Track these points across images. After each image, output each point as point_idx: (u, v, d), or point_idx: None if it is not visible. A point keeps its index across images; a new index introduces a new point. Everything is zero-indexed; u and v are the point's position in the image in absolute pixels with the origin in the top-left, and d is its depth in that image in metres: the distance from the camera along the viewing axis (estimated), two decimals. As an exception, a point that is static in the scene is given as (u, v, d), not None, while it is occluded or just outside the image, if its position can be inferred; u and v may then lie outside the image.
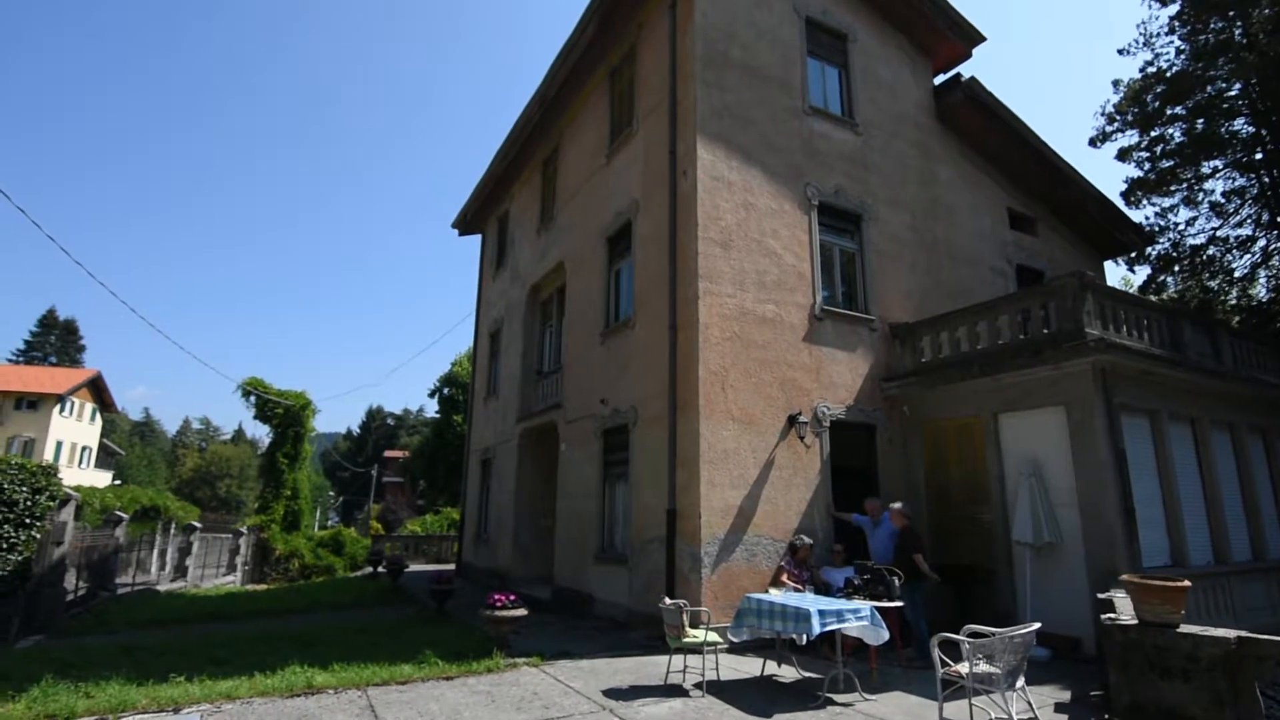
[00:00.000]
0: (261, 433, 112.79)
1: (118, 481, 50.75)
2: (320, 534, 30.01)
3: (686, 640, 6.88)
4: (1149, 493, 8.85)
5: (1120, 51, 17.84)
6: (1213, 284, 16.67)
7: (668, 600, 7.22)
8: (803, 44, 11.71)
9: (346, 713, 5.83)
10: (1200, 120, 15.84)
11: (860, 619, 6.75)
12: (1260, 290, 17.04)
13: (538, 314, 16.56)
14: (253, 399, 27.89)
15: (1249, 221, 16.32)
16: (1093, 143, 17.56)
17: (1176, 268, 16.95)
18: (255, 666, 7.08)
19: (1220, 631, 4.76)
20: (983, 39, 13.02)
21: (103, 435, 54.31)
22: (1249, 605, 9.49)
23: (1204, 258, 16.67)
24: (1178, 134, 16.46)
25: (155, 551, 19.06)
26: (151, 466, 70.59)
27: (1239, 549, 9.70)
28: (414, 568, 22.03)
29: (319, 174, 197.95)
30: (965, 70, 13.38)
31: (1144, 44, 17.14)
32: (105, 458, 55.33)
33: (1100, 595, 7.22)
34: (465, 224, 21.22)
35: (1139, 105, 16.64)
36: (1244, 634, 4.68)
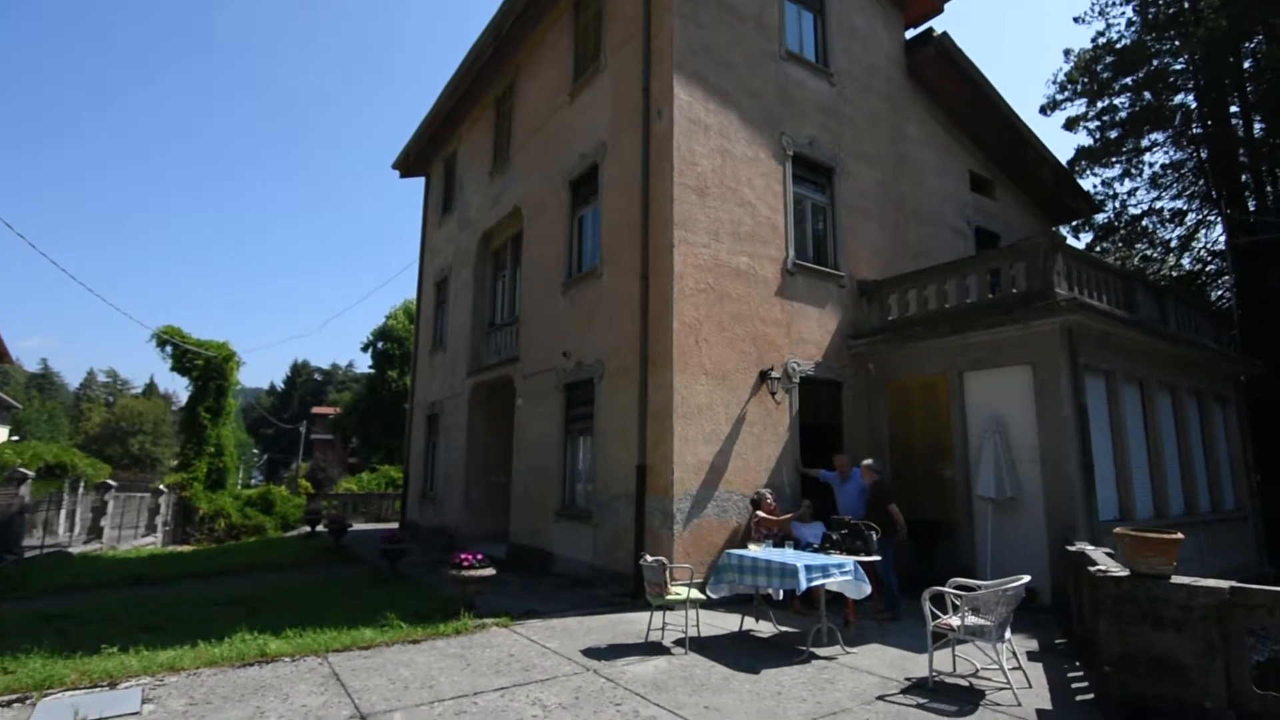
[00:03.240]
0: (178, 386, 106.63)
1: (15, 438, 46.86)
2: (247, 492, 28.60)
3: (669, 598, 6.68)
4: (1103, 450, 9.14)
5: (1076, 19, 18.14)
6: (1150, 253, 17.46)
7: (649, 557, 6.98)
8: (780, -18, 11.21)
9: (308, 682, 5.36)
10: (1147, 93, 16.33)
11: (845, 574, 6.69)
12: (1187, 261, 17.98)
13: (490, 263, 15.77)
14: (169, 349, 25.98)
15: (1185, 195, 17.08)
16: (1043, 110, 17.89)
17: (1113, 237, 17.64)
18: (197, 634, 6.46)
19: (1213, 582, 4.84)
20: (955, -7, 12.82)
21: (-6, 387, 49.80)
22: (1182, 557, 10.01)
23: (1140, 228, 17.40)
24: (1125, 105, 16.95)
25: (64, 512, 17.58)
26: (53, 421, 65.51)
27: (1175, 504, 10.23)
28: (355, 527, 21.20)
29: (231, 96, 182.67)
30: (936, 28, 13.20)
31: (1099, 13, 17.42)
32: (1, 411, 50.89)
33: (1070, 548, 7.43)
34: (408, 165, 19.91)
35: (1089, 75, 16.98)
36: (1236, 584, 4.77)
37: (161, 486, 23.85)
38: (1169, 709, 4.70)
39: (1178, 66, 16.08)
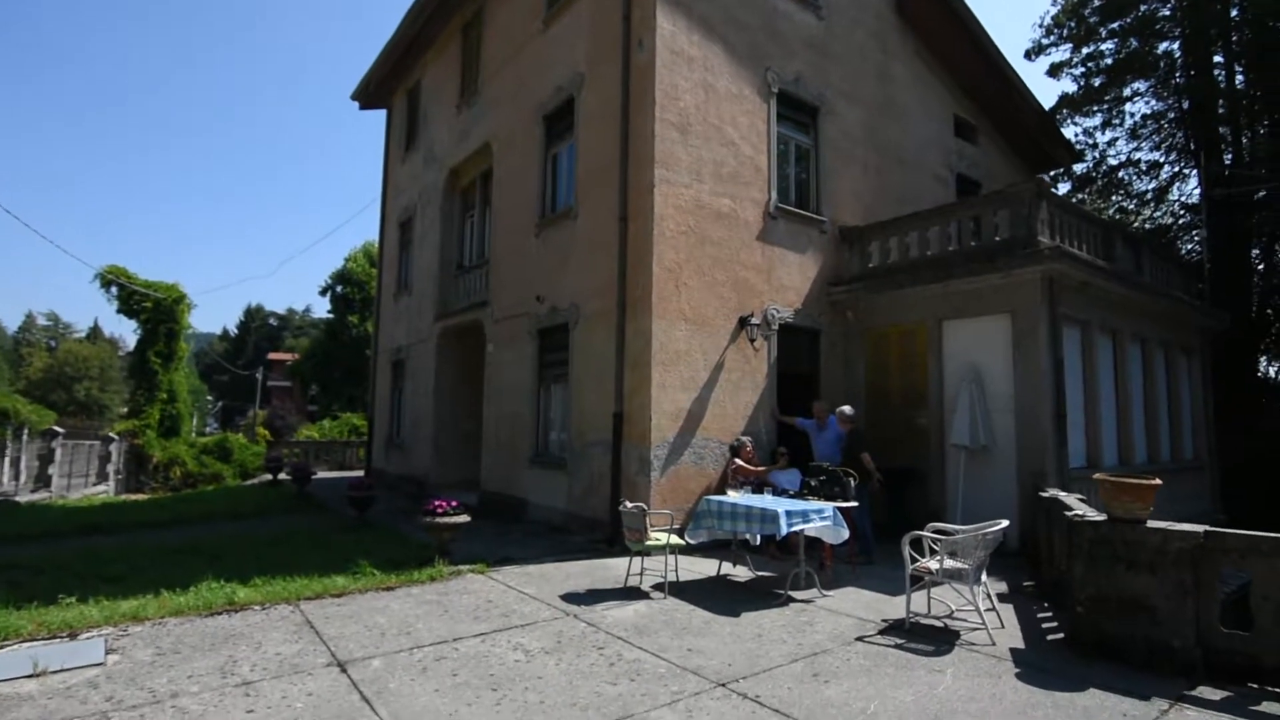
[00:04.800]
0: (125, 330, 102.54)
1: (-50, 382, 44.68)
2: (203, 440, 27.82)
3: (650, 543, 6.61)
4: (1074, 400, 9.26)
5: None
6: (1126, 204, 17.62)
7: (628, 504, 6.88)
8: (767, -95, 10.58)
9: (281, 630, 5.17)
10: (1133, 39, 16.15)
11: (824, 519, 6.70)
12: (1161, 214, 18.19)
13: (458, 201, 15.12)
14: (114, 290, 24.74)
15: (1163, 147, 17.16)
16: (1028, 55, 17.62)
17: (1090, 187, 17.72)
18: (159, 583, 6.20)
19: (1188, 526, 4.91)
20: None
21: (-75, 329, 47.13)
22: (1141, 502, 10.39)
23: (1116, 179, 17.50)
24: (1110, 52, 16.78)
25: (8, 460, 16.83)
26: (-9, 366, 62.58)
27: (1139, 453, 10.52)
28: (319, 475, 20.81)
29: (185, 28, 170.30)
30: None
31: (1091, -49, 16.99)
32: (-69, 355, 48.30)
33: (1043, 494, 7.55)
34: (368, 96, 18.80)
35: (1076, 19, 16.70)
36: (1210, 528, 4.85)
37: (111, 434, 23.00)
38: (1138, 648, 4.82)
39: (1165, 12, 15.90)
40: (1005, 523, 5.72)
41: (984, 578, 5.75)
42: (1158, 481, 5.12)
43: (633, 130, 9.18)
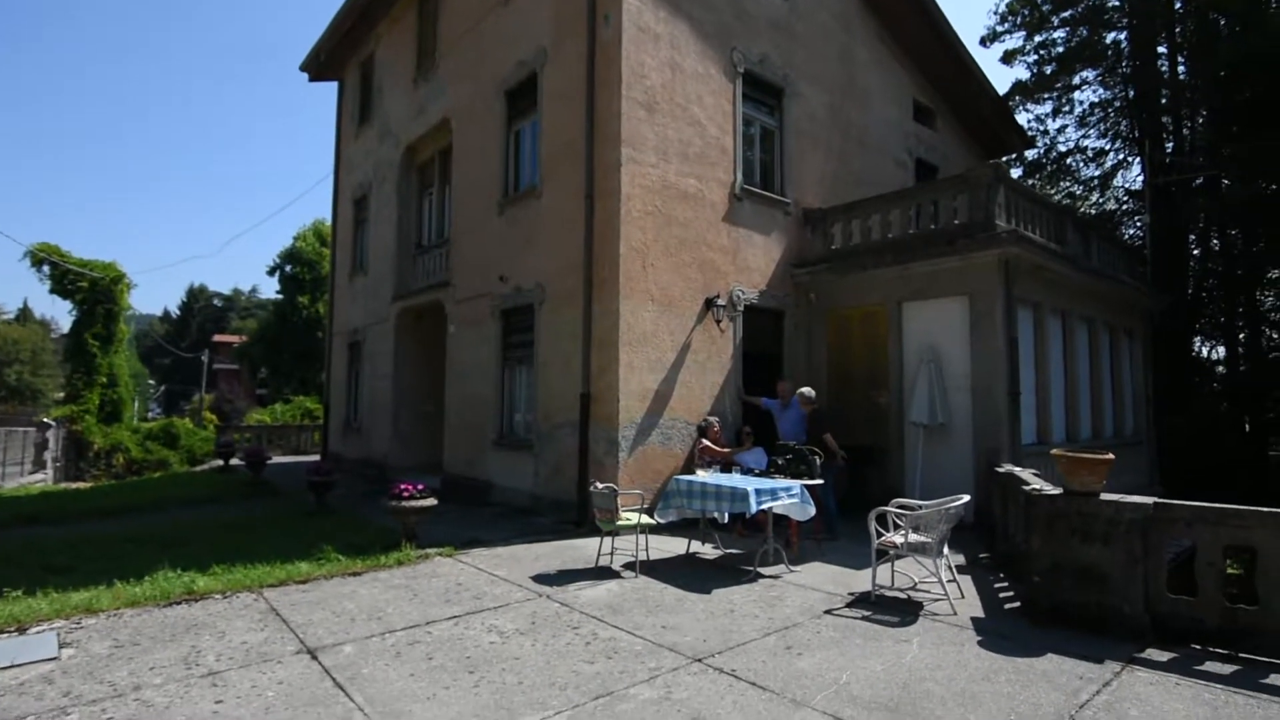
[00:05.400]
0: (59, 311, 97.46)
1: None
2: (147, 425, 26.73)
3: (620, 523, 6.63)
4: (1027, 379, 9.59)
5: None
6: (1074, 190, 18.22)
7: (599, 484, 6.88)
8: (734, -118, 10.48)
9: (245, 619, 5.02)
10: (1083, 28, 16.61)
11: (792, 497, 6.80)
12: (1106, 200, 18.87)
13: (415, 179, 14.73)
14: (46, 269, 23.48)
15: (1108, 135, 17.76)
16: (983, 42, 17.99)
17: (1040, 173, 18.28)
18: (111, 574, 5.94)
19: (1139, 498, 5.15)
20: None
21: None
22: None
23: (1064, 165, 18.07)
24: (1061, 40, 17.22)
25: (-66, 446, 15.90)
26: (-91, 349, 58.76)
27: (1085, 429, 10.98)
28: (274, 460, 20.23)
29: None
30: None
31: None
32: None
33: (999, 470, 7.82)
34: (318, 67, 18.05)
35: (1030, 6, 17.07)
36: (1159, 500, 5.10)
37: (48, 420, 21.92)
38: (1091, 614, 5.05)
39: (1114, 3, 16.40)
40: (966, 497, 5.91)
41: (946, 551, 5.94)
42: (1111, 456, 5.34)
43: (598, 108, 9.06)
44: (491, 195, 11.25)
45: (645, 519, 6.83)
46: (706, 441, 8.82)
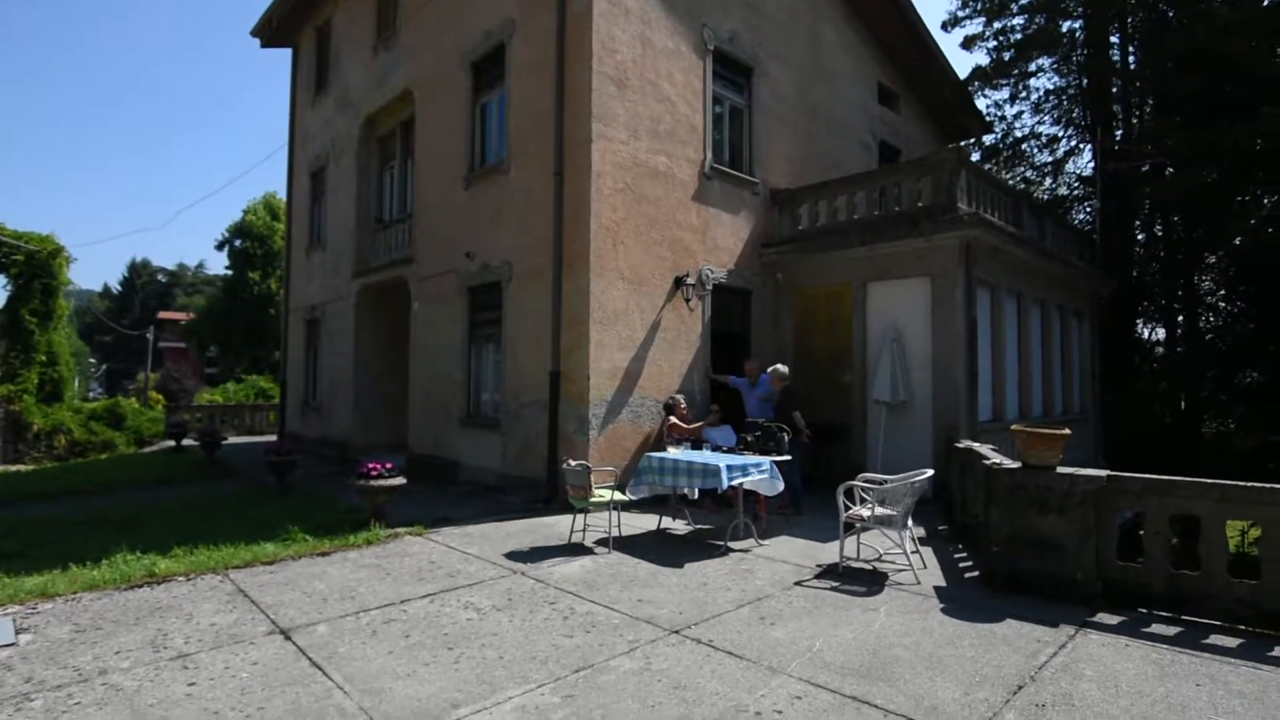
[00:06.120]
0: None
1: None
2: (90, 405, 25.61)
3: (594, 500, 6.67)
4: (984, 358, 9.90)
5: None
6: (1028, 175, 18.73)
7: (571, 462, 6.90)
8: None
9: (212, 601, 4.92)
10: (1041, 16, 16.96)
11: (762, 473, 6.94)
12: (1059, 185, 19.46)
13: (376, 151, 14.31)
14: (-23, 241, 22.13)
15: (1062, 121, 18.26)
16: (945, 26, 18.24)
17: (997, 158, 18.72)
18: (65, 557, 5.74)
19: (1092, 471, 5.40)
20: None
21: None
22: (1035, 451, 11.30)
23: (1021, 150, 18.55)
24: (1019, 27, 17.57)
25: None
26: None
27: (1036, 406, 11.40)
28: (228, 440, 19.66)
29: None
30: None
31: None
32: None
33: (958, 445, 8.08)
34: (271, 32, 17.30)
35: (990, -9, 17.34)
36: (1112, 473, 5.35)
37: (-18, 399, 20.84)
38: (1047, 582, 5.29)
39: (1070, -11, 16.79)
40: (930, 472, 6.11)
41: (910, 523, 6.14)
42: (1068, 431, 5.58)
43: (569, 82, 8.92)
44: (457, 170, 11.01)
45: (618, 495, 6.89)
46: (674, 419, 8.90)
